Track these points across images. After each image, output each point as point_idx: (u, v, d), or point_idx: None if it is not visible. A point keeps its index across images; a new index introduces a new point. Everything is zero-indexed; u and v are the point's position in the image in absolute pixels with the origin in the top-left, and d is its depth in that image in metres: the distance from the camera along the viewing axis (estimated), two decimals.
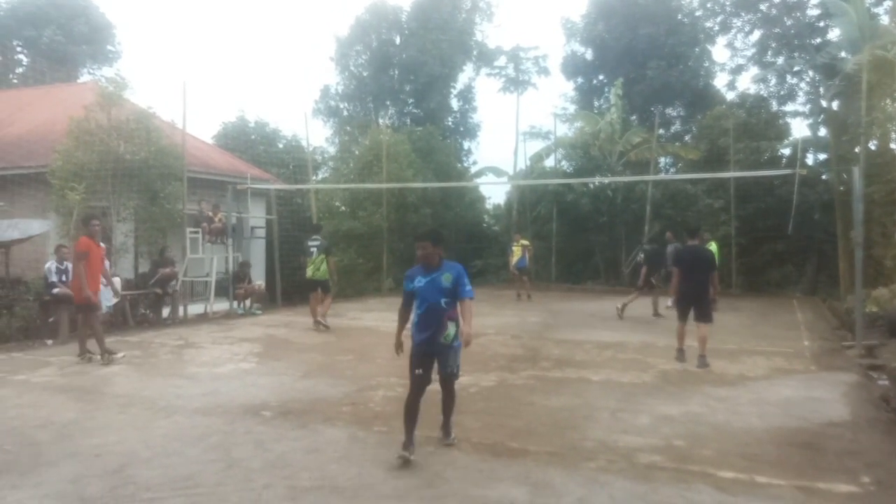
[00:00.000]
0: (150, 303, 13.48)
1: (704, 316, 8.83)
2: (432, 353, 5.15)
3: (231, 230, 15.71)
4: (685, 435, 5.61)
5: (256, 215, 18.52)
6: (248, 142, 23.20)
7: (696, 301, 8.91)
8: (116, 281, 12.42)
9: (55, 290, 11.17)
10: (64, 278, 11.34)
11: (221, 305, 14.99)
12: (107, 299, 11.91)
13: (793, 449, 5.32)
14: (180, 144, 14.53)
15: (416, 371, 5.12)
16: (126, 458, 4.98)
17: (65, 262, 11.51)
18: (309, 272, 12.33)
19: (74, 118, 13.47)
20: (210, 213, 15.63)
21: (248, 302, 15.25)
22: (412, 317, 5.22)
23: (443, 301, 5.06)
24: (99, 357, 8.92)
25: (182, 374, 8.18)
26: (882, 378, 8.10)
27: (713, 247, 15.99)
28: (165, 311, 13.55)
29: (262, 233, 19.02)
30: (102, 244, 9.63)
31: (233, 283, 15.09)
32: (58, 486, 4.46)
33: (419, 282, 5.12)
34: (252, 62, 68.99)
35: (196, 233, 15.16)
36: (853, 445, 5.44)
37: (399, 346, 5.36)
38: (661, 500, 4.25)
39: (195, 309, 14.52)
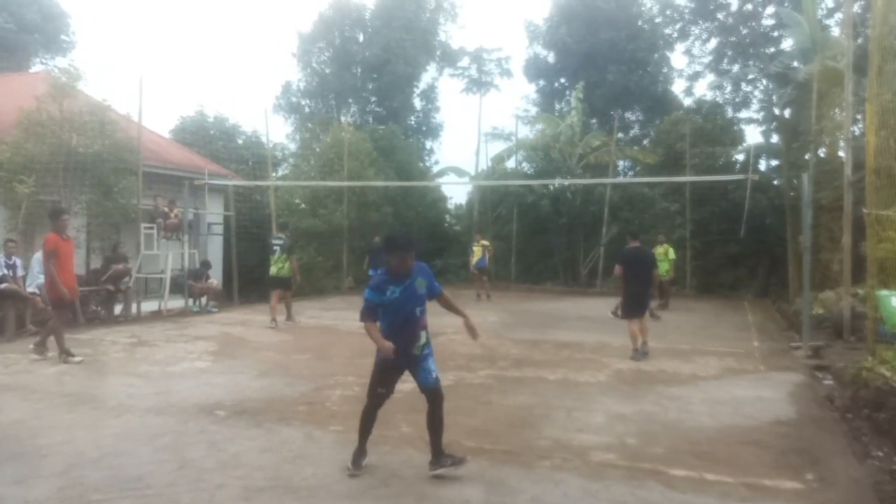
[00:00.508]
0: (101, 299, 13.14)
1: (645, 309, 9.67)
2: (403, 366, 4.77)
3: (187, 226, 15.44)
4: (638, 433, 5.72)
5: (214, 212, 18.23)
6: (206, 137, 22.77)
7: (643, 299, 9.64)
8: None
9: (1, 286, 10.81)
10: (11, 273, 11.00)
11: (176, 303, 14.72)
12: None
13: (741, 447, 5.46)
14: (136, 138, 14.22)
15: (380, 390, 4.77)
16: (74, 459, 4.86)
17: (13, 257, 11.17)
18: (273, 270, 12.40)
19: (25, 109, 13.07)
20: (166, 209, 15.33)
21: (203, 300, 15.01)
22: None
23: (417, 311, 4.71)
24: (52, 356, 8.72)
25: (134, 373, 8.01)
26: (827, 378, 8.38)
27: (670, 251, 16.35)
28: (118, 309, 13.23)
29: (219, 229, 18.73)
30: (70, 237, 9.39)
31: (186, 280, 14.82)
32: (1, 488, 4.33)
33: (392, 292, 4.58)
34: (212, 56, 67.82)
35: (151, 228, 14.86)
36: (799, 443, 5.61)
37: (390, 347, 4.53)
38: (613, 498, 4.32)
39: (149, 306, 14.21)
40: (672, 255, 16.46)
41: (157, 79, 54.04)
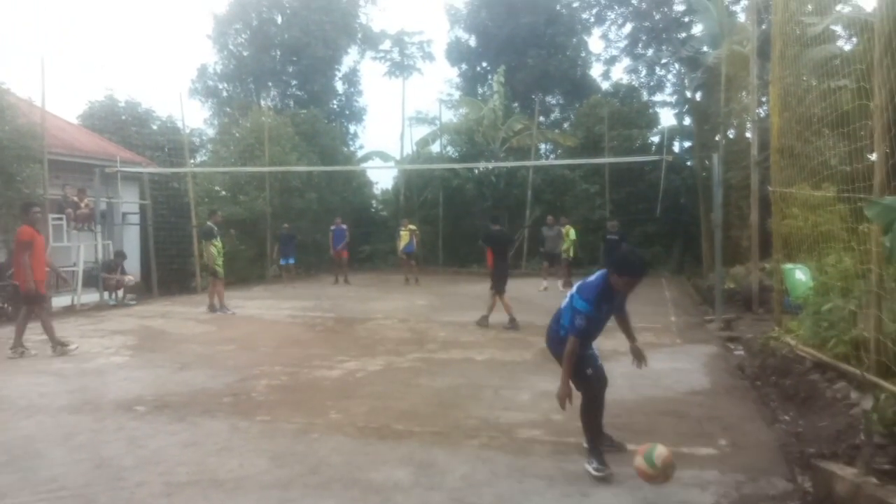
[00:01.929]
0: (7, 296, 12.42)
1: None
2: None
3: (100, 216, 14.76)
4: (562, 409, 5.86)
5: (129, 200, 17.50)
6: (118, 122, 21.76)
7: (507, 273, 10.95)
8: None
9: None
10: None
11: (91, 297, 14.08)
12: None
13: (660, 417, 5.70)
14: (39, 123, 13.45)
15: (597, 383, 4.73)
16: None
17: None
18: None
19: None
20: (75, 199, 14.61)
21: (120, 292, 14.42)
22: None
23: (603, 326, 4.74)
24: (34, 353, 8.59)
25: (46, 371, 7.63)
26: (738, 349, 8.83)
27: (571, 231, 16.90)
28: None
29: (135, 219, 17.99)
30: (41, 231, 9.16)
31: (100, 273, 14.20)
32: None
33: (605, 310, 4.53)
34: (122, 38, 64.64)
35: (60, 219, 14.13)
36: (713, 411, 5.90)
37: (565, 397, 4.41)
38: (539, 473, 4.44)
39: (61, 301, 13.53)
40: (573, 235, 17.05)
41: (62, 61, 51.13)
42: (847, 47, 9.87)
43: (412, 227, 18.66)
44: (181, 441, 5.09)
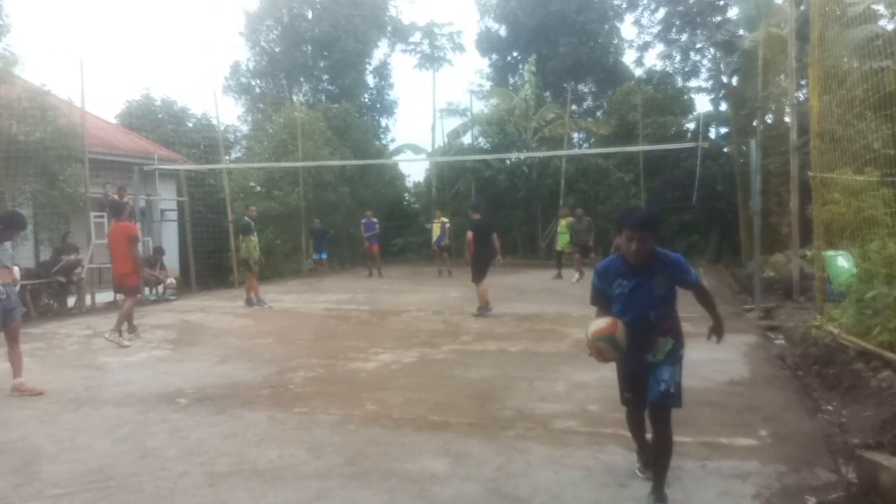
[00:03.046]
0: (53, 292, 12.80)
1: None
2: (644, 373, 3.83)
3: (139, 214, 15.07)
4: (599, 400, 5.84)
5: (167, 197, 17.83)
6: (154, 121, 22.19)
7: (490, 260, 11.21)
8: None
9: None
10: None
11: None
12: None
13: (698, 408, 5.61)
14: (79, 124, 13.76)
15: (625, 395, 4.06)
16: (30, 455, 4.75)
17: None
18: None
19: None
20: (115, 197, 14.92)
21: (160, 288, 14.72)
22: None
23: (653, 315, 3.71)
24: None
25: (91, 365, 7.84)
26: (779, 338, 8.67)
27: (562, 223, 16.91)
28: (71, 301, 12.90)
29: (173, 216, 18.32)
30: None
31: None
32: None
33: (621, 286, 3.74)
34: (157, 38, 65.73)
35: (101, 217, 14.47)
36: (752, 402, 5.80)
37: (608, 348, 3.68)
38: (576, 464, 4.42)
39: (104, 297, 13.88)
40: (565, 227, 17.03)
41: (100, 62, 52.24)
42: (890, 27, 9.58)
43: (444, 219, 18.66)
44: (222, 432, 5.19)
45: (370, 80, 33.11)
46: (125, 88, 61.72)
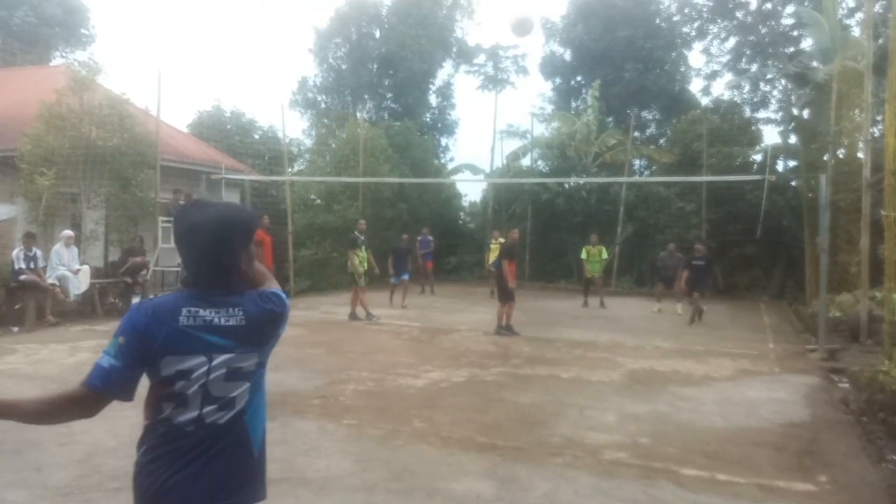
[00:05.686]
0: (119, 292, 13.30)
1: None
2: None
3: None
4: (650, 433, 5.72)
5: None
6: (223, 131, 22.92)
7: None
8: (86, 269, 12.27)
9: (22, 277, 10.97)
10: (32, 265, 11.14)
11: None
12: (76, 287, 11.77)
13: (754, 448, 5.45)
14: (154, 132, 14.35)
15: None
16: (92, 448, 4.94)
17: (33, 249, 11.30)
18: None
19: (46, 102, 13.23)
20: (183, 203, 15.46)
21: None
22: None
23: None
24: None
25: None
26: (842, 381, 8.32)
27: (603, 251, 16.80)
28: (135, 301, 13.37)
29: None
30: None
31: None
32: (22, 474, 4.42)
33: None
34: (229, 51, 68.16)
35: (169, 222, 14.99)
36: (812, 446, 5.59)
37: None
38: (624, 496, 4.34)
39: None
40: (605, 255, 16.89)
41: (175, 73, 54.40)
42: None
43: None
44: (272, 439, 5.23)
45: (433, 99, 33.50)
46: (197, 99, 64.12)
